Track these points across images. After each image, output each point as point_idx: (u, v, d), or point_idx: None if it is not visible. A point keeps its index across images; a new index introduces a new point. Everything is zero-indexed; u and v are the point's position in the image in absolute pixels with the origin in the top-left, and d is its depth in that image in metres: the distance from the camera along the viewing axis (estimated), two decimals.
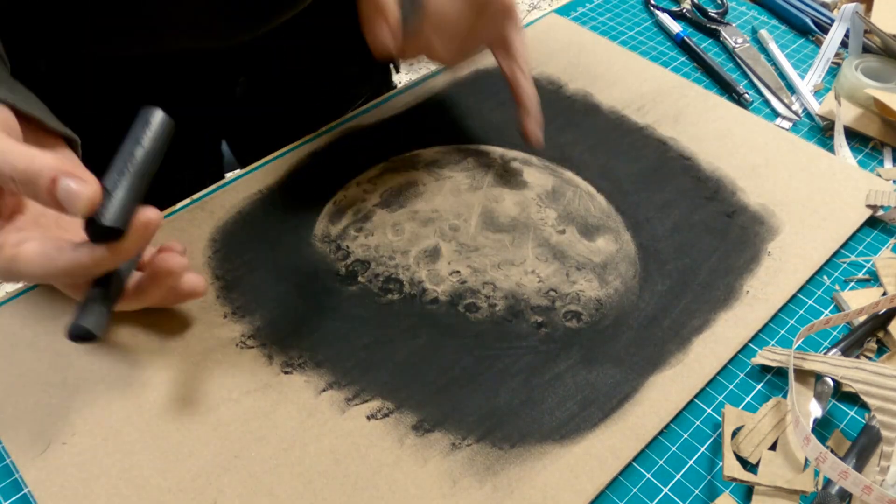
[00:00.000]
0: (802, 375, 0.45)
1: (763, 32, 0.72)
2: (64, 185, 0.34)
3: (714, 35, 0.73)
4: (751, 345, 0.47)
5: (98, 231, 0.36)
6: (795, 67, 0.69)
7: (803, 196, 0.56)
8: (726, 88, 0.66)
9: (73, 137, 0.43)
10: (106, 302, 0.39)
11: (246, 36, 0.58)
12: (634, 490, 0.41)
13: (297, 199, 0.54)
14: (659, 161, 0.58)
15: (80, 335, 0.38)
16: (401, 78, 0.80)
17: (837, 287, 0.51)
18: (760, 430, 0.43)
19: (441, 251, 0.51)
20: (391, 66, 0.77)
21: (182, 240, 0.51)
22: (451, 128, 0.60)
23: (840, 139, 0.61)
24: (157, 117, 0.38)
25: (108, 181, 0.36)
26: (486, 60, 0.66)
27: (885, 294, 0.50)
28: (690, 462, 0.42)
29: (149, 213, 0.37)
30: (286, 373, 0.45)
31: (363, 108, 0.62)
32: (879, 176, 0.58)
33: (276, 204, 0.54)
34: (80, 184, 0.34)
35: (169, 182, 0.55)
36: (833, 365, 0.44)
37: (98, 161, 0.56)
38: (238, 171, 0.57)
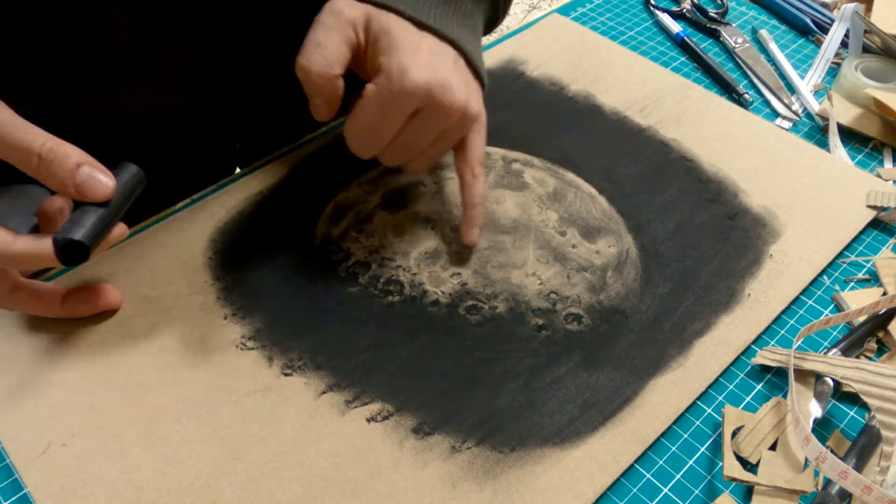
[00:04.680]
0: (802, 375, 0.45)
1: (763, 32, 0.72)
2: (86, 170, 0.39)
3: (714, 35, 0.73)
4: (751, 345, 0.47)
5: (68, 248, 0.39)
6: (795, 67, 0.69)
7: (806, 198, 0.55)
8: (726, 88, 0.66)
9: None
10: (100, 221, 0.40)
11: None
12: (634, 490, 0.41)
13: (297, 200, 0.54)
14: (661, 163, 0.58)
15: (68, 247, 0.39)
16: None
17: (837, 287, 0.51)
18: (760, 430, 0.43)
19: (442, 253, 0.51)
20: None
21: (182, 240, 0.51)
22: None
23: (835, 139, 0.61)
24: (132, 170, 0.42)
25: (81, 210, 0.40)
26: (487, 61, 0.66)
27: (885, 294, 0.50)
28: (690, 462, 0.42)
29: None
30: (286, 375, 0.45)
31: None
32: (879, 176, 0.58)
33: (277, 205, 0.54)
34: (104, 173, 0.39)
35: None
36: (833, 365, 0.44)
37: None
38: (238, 171, 0.57)
